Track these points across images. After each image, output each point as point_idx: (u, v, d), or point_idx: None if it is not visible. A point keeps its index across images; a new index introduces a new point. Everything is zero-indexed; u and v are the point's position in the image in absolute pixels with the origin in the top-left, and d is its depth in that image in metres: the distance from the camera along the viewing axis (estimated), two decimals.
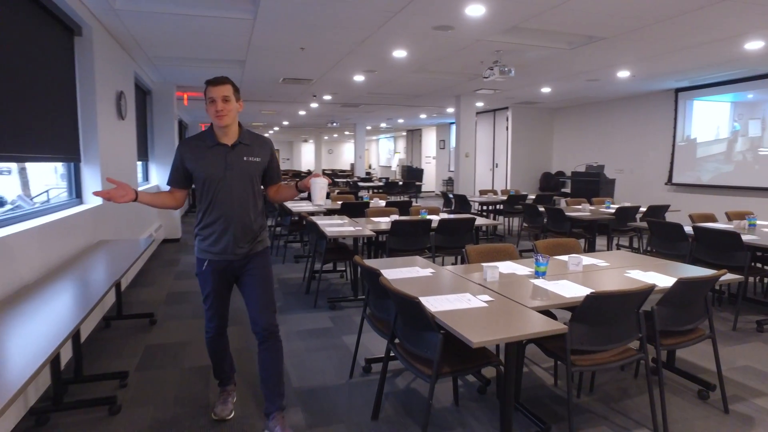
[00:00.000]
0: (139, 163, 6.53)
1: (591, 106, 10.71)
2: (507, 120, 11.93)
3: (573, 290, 2.38)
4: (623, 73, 7.10)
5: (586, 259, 3.04)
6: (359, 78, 7.69)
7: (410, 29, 4.80)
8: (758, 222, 4.97)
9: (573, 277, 2.66)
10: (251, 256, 2.34)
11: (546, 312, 2.12)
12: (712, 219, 5.39)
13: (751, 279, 5.06)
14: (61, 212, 3.55)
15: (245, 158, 2.25)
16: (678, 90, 8.61)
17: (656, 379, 2.66)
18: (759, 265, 4.39)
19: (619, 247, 6.57)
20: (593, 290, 2.26)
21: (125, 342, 3.56)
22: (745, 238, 4.01)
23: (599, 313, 2.15)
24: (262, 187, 2.40)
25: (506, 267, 2.87)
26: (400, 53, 5.87)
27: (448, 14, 4.29)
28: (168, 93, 7.77)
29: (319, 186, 2.20)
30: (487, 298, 2.26)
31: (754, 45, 5.47)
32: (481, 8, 4.10)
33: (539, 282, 2.55)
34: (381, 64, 6.61)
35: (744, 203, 7.56)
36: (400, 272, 2.76)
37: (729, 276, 2.60)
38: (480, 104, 11.19)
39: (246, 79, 7.75)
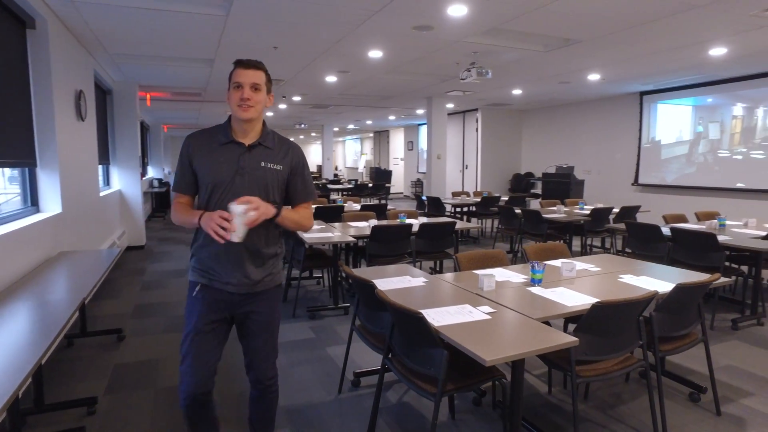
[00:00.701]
0: (100, 167, 6.15)
1: (559, 108, 10.89)
2: (477, 122, 12.00)
3: (573, 298, 2.32)
4: (594, 76, 7.21)
5: (579, 264, 3.00)
6: (331, 79, 7.53)
7: (389, 28, 4.68)
8: (727, 222, 5.11)
9: (568, 284, 2.61)
10: (257, 294, 1.83)
11: (545, 322, 2.04)
12: (683, 219, 5.51)
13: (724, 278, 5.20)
14: (14, 222, 3.25)
15: (263, 164, 1.78)
16: (643, 93, 8.84)
17: (650, 385, 2.63)
18: (731, 264, 4.49)
19: (591, 248, 6.65)
20: (595, 299, 2.20)
21: (91, 362, 3.29)
22: (720, 238, 4.09)
23: (604, 322, 2.09)
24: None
25: (500, 274, 2.79)
26: (375, 53, 5.75)
27: (430, 13, 4.20)
28: (130, 93, 7.37)
29: (237, 214, 1.61)
30: (488, 309, 2.16)
31: (717, 51, 5.64)
32: (464, 8, 4.03)
33: (536, 290, 2.48)
34: (355, 65, 6.47)
35: (706, 203, 7.81)
36: (392, 282, 2.64)
37: (722, 279, 2.60)
38: (450, 106, 11.20)
39: (213, 79, 7.45)
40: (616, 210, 6.15)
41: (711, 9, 4.06)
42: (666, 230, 4.47)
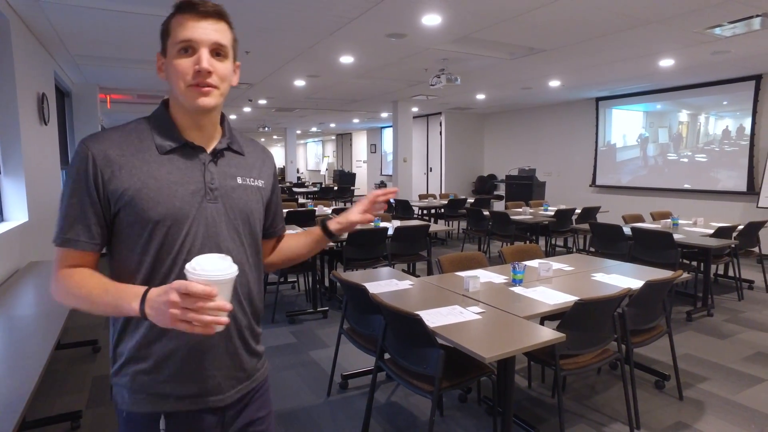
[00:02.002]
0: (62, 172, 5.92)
1: (520, 112, 11.27)
2: (440, 125, 12.24)
3: (553, 297, 2.47)
4: (554, 83, 7.54)
5: (554, 264, 3.17)
6: (300, 83, 7.53)
7: (364, 35, 4.76)
8: (679, 221, 5.48)
9: (547, 283, 2.76)
10: (255, 391, 1.15)
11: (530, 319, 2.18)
12: (641, 219, 5.86)
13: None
14: None
15: (240, 179, 1.11)
16: (599, 99, 9.29)
17: (619, 374, 2.83)
18: (685, 260, 4.83)
19: (555, 248, 6.95)
20: (573, 297, 2.36)
21: (68, 376, 3.20)
22: (675, 237, 4.40)
23: (585, 318, 2.25)
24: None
25: (481, 275, 2.92)
26: (347, 59, 5.82)
27: (405, 22, 4.31)
28: (90, 95, 7.12)
29: (224, 282, 0.88)
30: (477, 309, 2.28)
31: (666, 62, 6.04)
32: (438, 18, 4.16)
33: (519, 290, 2.62)
34: (325, 69, 6.50)
35: (659, 203, 8.30)
36: (380, 286, 2.72)
37: (683, 276, 2.83)
38: (415, 109, 11.38)
39: None
40: (578, 211, 6.46)
41: (660, 25, 4.37)
42: (627, 230, 4.75)
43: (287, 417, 2.66)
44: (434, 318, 2.14)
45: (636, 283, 2.67)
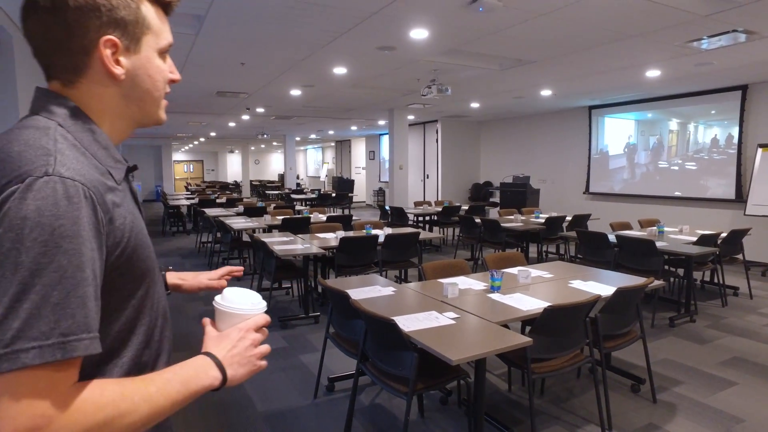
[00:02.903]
0: None
1: (515, 120, 11.42)
2: (437, 132, 12.38)
3: (528, 303, 2.58)
4: (546, 92, 7.68)
5: (534, 272, 3.28)
6: (296, 92, 7.68)
7: (354, 48, 4.91)
8: (666, 228, 5.59)
9: (524, 290, 2.88)
10: None
11: (504, 325, 2.29)
12: (628, 227, 5.97)
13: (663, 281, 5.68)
14: None
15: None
16: (591, 107, 9.43)
17: (596, 378, 2.93)
18: (669, 267, 4.94)
19: (547, 254, 7.06)
20: (547, 303, 2.47)
21: None
22: (658, 244, 4.51)
23: (555, 323, 2.36)
24: None
25: (462, 282, 3.03)
26: (340, 70, 5.96)
27: (393, 36, 4.45)
28: None
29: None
30: (452, 315, 2.39)
31: (653, 73, 6.18)
32: (425, 32, 4.30)
33: (496, 296, 2.73)
34: (320, 80, 6.65)
35: (651, 210, 8.41)
36: (363, 292, 2.83)
37: (655, 283, 2.94)
38: (411, 117, 11.53)
39: (177, 91, 7.46)
40: (569, 218, 6.57)
41: (642, 39, 4.50)
42: (612, 237, 4.86)
43: (274, 417, 2.77)
44: (410, 323, 2.25)
45: (610, 290, 2.78)
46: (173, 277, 1.16)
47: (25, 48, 3.72)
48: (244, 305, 0.81)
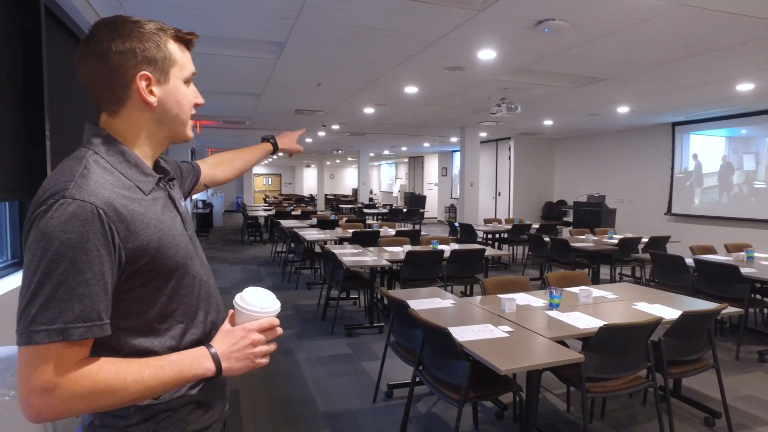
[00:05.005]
0: None
1: (591, 137, 11.05)
2: (509, 150, 12.26)
3: (585, 321, 2.57)
4: (623, 109, 7.42)
5: (596, 292, 3.23)
6: (369, 110, 8.01)
7: (424, 69, 5.10)
8: (756, 254, 5.18)
9: (584, 309, 2.85)
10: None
11: (560, 342, 2.31)
12: (712, 251, 5.59)
13: (751, 310, 5.25)
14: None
15: (182, 201, 1.10)
16: (675, 124, 8.94)
17: (664, 407, 2.82)
18: (758, 296, 4.57)
19: (621, 276, 6.76)
20: (605, 322, 2.45)
21: None
22: (744, 270, 4.21)
23: (611, 343, 2.34)
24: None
25: (521, 299, 3.06)
26: (411, 89, 6.18)
27: (460, 57, 4.59)
28: None
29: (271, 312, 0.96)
30: (507, 328, 2.45)
31: (745, 87, 5.79)
32: (492, 53, 4.39)
33: (554, 313, 2.74)
34: (392, 98, 6.91)
35: (741, 234, 7.78)
36: (424, 303, 2.95)
37: (730, 309, 2.80)
38: (483, 134, 11.53)
39: (259, 109, 8.06)
40: (645, 240, 6.27)
41: (731, 52, 4.28)
42: (690, 261, 4.61)
43: (334, 417, 2.94)
44: (464, 333, 2.34)
45: (675, 314, 2.69)
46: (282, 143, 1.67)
47: None
48: (254, 307, 0.92)
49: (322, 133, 11.79)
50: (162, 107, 0.94)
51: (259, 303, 0.92)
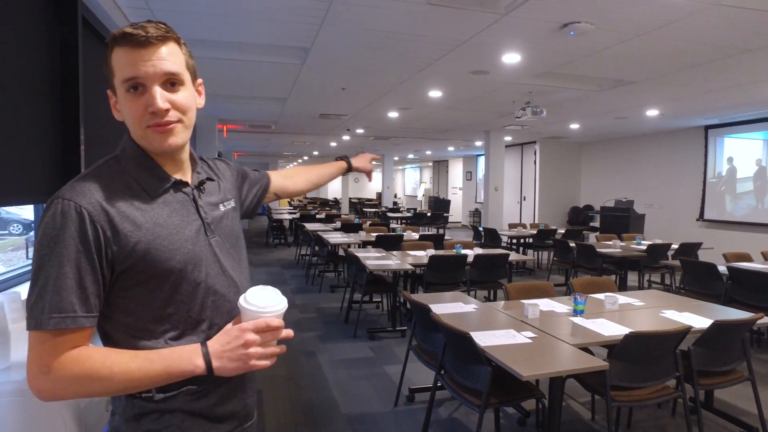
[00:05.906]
0: None
1: (619, 141, 10.83)
2: (535, 154, 12.11)
3: (610, 329, 2.52)
4: (652, 112, 7.25)
5: (622, 299, 3.16)
6: (393, 114, 8.03)
7: (448, 73, 5.09)
8: None
9: (610, 316, 2.79)
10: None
11: (584, 349, 2.27)
12: (747, 258, 5.40)
13: None
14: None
15: (222, 207, 1.08)
16: (708, 127, 8.68)
17: (694, 419, 2.74)
18: None
19: (650, 284, 6.59)
20: (630, 329, 2.40)
21: None
22: None
23: (637, 351, 2.29)
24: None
25: (545, 304, 3.02)
26: (435, 93, 6.17)
27: (485, 61, 4.57)
28: (210, 126, 8.26)
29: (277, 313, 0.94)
30: (530, 334, 2.42)
31: None
32: (517, 56, 4.36)
33: (578, 320, 2.70)
34: (416, 102, 6.92)
35: None
36: (446, 307, 2.94)
37: (766, 319, 2.70)
38: (508, 138, 11.42)
39: (284, 114, 8.17)
40: (675, 246, 6.10)
41: (762, 52, 4.14)
42: (723, 268, 4.46)
43: (355, 420, 2.95)
44: (486, 338, 2.33)
45: (706, 323, 2.61)
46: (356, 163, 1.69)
47: None
48: (253, 306, 0.90)
49: (346, 137, 11.87)
50: (126, 121, 0.94)
51: (259, 302, 0.90)
